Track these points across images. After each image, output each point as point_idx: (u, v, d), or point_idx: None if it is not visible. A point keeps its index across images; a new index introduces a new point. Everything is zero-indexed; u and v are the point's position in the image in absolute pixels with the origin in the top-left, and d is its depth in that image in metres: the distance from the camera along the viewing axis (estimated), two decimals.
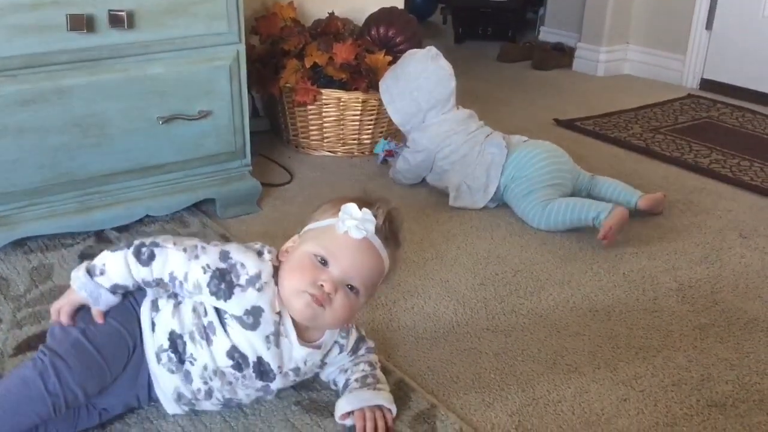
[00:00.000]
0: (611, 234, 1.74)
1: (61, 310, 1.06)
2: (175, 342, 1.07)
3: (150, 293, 1.10)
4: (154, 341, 1.07)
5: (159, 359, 1.07)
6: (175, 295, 1.09)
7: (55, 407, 0.99)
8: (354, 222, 1.04)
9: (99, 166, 1.64)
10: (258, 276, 1.05)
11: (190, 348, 1.07)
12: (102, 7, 1.53)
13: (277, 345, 1.07)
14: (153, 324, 1.08)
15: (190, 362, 1.07)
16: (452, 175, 1.97)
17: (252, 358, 1.07)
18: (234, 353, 1.06)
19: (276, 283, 1.06)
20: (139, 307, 1.09)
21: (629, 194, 1.93)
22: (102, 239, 1.70)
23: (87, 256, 1.62)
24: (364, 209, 1.05)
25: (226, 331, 1.06)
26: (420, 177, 2.08)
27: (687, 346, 1.41)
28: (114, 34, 1.57)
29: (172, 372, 1.08)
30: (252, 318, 1.04)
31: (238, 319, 1.05)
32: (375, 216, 1.05)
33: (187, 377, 1.08)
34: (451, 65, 2.06)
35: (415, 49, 2.10)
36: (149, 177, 1.72)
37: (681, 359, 1.37)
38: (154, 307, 1.09)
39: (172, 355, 1.07)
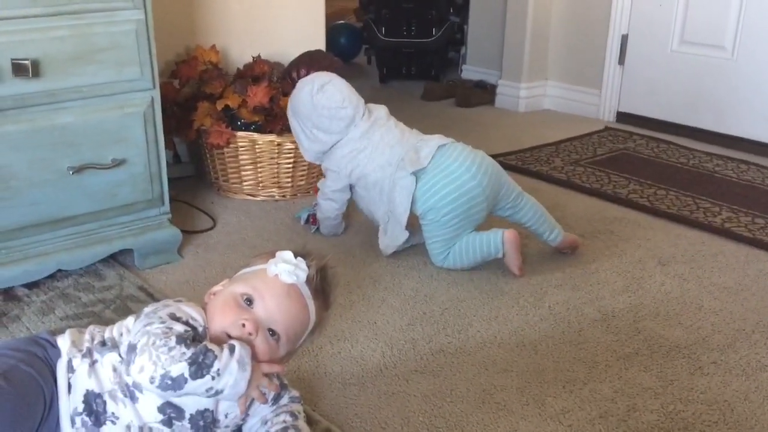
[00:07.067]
0: (521, 265, 1.80)
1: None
2: (91, 403, 1.02)
3: (65, 353, 1.05)
4: (69, 404, 1.02)
5: (73, 423, 1.01)
6: (90, 354, 1.04)
7: None
8: (286, 266, 1.08)
9: (5, 221, 1.57)
10: (204, 325, 1.05)
11: (110, 407, 1.02)
12: (4, 56, 1.48)
13: None
14: (69, 386, 1.02)
15: (112, 422, 1.02)
16: (377, 205, 1.88)
17: (190, 411, 1.04)
18: (167, 408, 1.02)
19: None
20: (55, 367, 1.03)
21: (548, 233, 1.89)
22: (10, 297, 1.61)
23: None
24: (299, 258, 1.09)
25: None
26: (340, 208, 1.97)
27: (612, 377, 1.42)
28: (18, 84, 1.51)
29: None
30: None
31: None
32: (308, 267, 1.09)
33: None
34: (345, 87, 1.92)
35: (301, 82, 1.97)
36: (61, 230, 1.65)
37: (607, 390, 1.38)
38: (70, 368, 1.03)
39: (87, 419, 1.01)
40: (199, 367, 0.96)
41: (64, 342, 1.06)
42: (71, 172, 1.61)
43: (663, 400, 1.35)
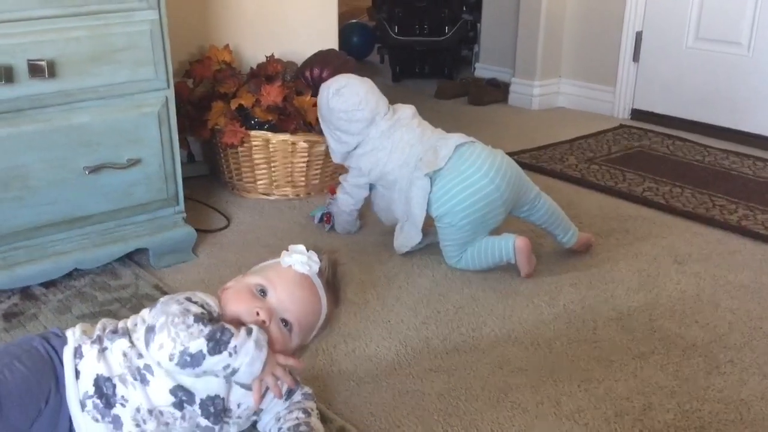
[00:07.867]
0: (531, 270, 1.79)
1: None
2: (102, 386, 1.04)
3: (72, 340, 1.07)
4: (78, 389, 1.03)
5: (84, 406, 1.03)
6: (99, 341, 1.06)
7: None
8: (300, 257, 1.11)
9: (22, 220, 1.58)
10: (218, 311, 1.08)
11: (120, 390, 1.04)
12: (21, 57, 1.49)
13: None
14: (77, 372, 1.04)
15: (121, 404, 1.03)
16: (397, 204, 1.88)
17: (200, 396, 1.05)
18: (178, 392, 1.04)
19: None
20: (59, 357, 1.05)
21: (562, 235, 1.88)
22: (27, 296, 1.62)
23: (11, 315, 1.55)
24: (311, 251, 1.13)
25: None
26: (355, 205, 1.98)
27: (628, 376, 1.41)
28: (35, 84, 1.52)
29: (97, 420, 1.04)
30: None
31: None
32: (320, 260, 1.13)
33: (116, 422, 1.04)
34: (366, 82, 1.93)
35: (322, 86, 1.98)
36: (77, 229, 1.66)
37: (622, 389, 1.37)
38: (78, 354, 1.06)
39: (98, 401, 1.03)
40: (217, 343, 0.99)
41: (73, 332, 1.09)
42: (87, 172, 1.62)
43: (679, 399, 1.35)
